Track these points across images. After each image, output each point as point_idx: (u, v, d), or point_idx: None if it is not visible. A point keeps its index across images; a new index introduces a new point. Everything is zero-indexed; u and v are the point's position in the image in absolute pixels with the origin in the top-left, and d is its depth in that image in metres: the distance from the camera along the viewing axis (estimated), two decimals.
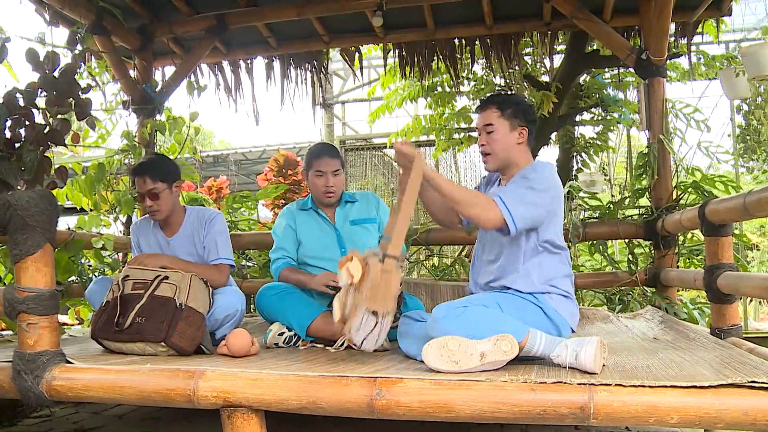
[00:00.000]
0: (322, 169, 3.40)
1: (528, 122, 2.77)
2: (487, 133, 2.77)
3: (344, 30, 5.27)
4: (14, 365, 2.41)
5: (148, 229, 3.52)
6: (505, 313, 2.45)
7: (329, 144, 3.77)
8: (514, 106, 2.76)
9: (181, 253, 3.40)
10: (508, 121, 2.74)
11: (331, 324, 3.08)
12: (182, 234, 3.44)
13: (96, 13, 4.54)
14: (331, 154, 3.47)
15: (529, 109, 2.81)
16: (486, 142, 2.77)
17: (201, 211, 3.52)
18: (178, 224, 3.47)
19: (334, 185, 3.42)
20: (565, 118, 6.51)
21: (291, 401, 2.11)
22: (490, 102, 2.80)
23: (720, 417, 1.83)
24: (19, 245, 2.38)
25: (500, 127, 2.74)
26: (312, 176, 3.44)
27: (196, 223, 3.45)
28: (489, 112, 2.77)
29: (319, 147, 3.56)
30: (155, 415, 3.41)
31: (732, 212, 2.77)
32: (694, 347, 2.68)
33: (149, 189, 3.33)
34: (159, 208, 3.37)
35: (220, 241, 3.40)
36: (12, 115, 3.33)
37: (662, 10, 4.20)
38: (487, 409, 1.95)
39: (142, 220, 3.61)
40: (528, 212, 2.54)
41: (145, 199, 3.35)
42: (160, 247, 3.46)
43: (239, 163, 14.02)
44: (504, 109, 2.75)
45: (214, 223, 3.44)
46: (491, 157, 2.78)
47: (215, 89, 5.65)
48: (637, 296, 4.47)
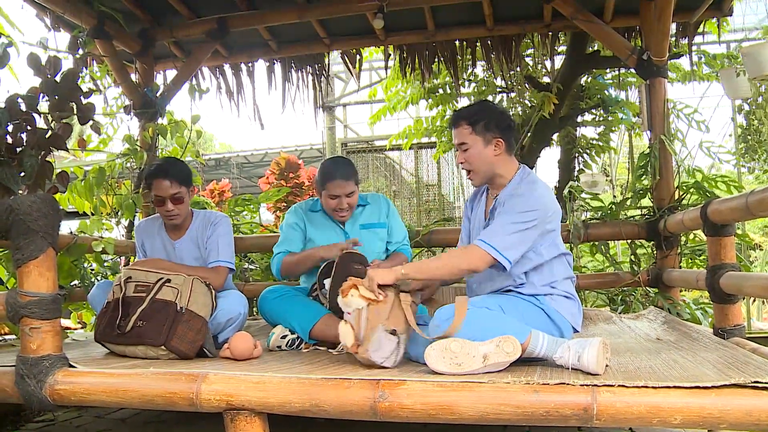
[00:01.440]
0: (335, 192, 3.32)
1: (502, 132, 2.71)
2: (463, 150, 2.74)
3: (345, 32, 5.27)
4: (17, 369, 2.41)
5: (153, 231, 3.50)
6: (507, 315, 2.45)
7: (343, 160, 3.52)
8: (485, 119, 2.70)
9: (186, 257, 3.39)
10: (481, 137, 2.69)
11: (333, 326, 3.09)
12: (188, 237, 3.44)
13: (97, 17, 4.55)
14: (346, 175, 3.32)
15: (501, 117, 2.74)
16: (464, 159, 2.75)
17: (207, 215, 3.50)
18: (185, 228, 3.45)
19: (346, 206, 3.35)
20: (566, 119, 6.51)
21: (294, 404, 2.11)
22: (459, 118, 2.75)
23: (723, 417, 1.82)
24: (21, 250, 2.38)
25: (474, 144, 2.70)
26: (325, 196, 3.36)
27: (201, 227, 3.43)
28: (461, 129, 2.73)
29: (332, 167, 3.40)
30: (158, 418, 3.41)
31: (734, 212, 2.77)
32: (697, 348, 2.67)
33: (173, 193, 3.29)
34: (179, 212, 3.35)
35: (222, 243, 3.38)
36: (13, 119, 3.34)
37: (663, 10, 4.20)
38: (490, 410, 1.95)
39: (147, 221, 3.59)
40: (516, 241, 2.51)
41: (165, 203, 3.30)
42: (165, 250, 3.45)
43: (241, 166, 14.05)
44: (475, 124, 2.69)
45: (218, 225, 3.42)
46: (474, 173, 2.77)
47: (216, 92, 5.66)
48: (640, 297, 4.46)
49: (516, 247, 2.51)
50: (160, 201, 3.31)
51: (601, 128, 6.92)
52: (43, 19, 4.40)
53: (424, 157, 9.98)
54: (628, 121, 6.53)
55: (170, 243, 3.45)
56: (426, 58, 5.49)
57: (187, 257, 3.40)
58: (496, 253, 2.48)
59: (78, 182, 4.68)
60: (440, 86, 6.90)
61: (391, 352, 2.34)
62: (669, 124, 4.36)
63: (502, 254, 2.48)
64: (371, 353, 2.33)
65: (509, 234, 2.50)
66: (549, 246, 2.66)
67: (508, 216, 2.55)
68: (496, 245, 2.48)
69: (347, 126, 12.85)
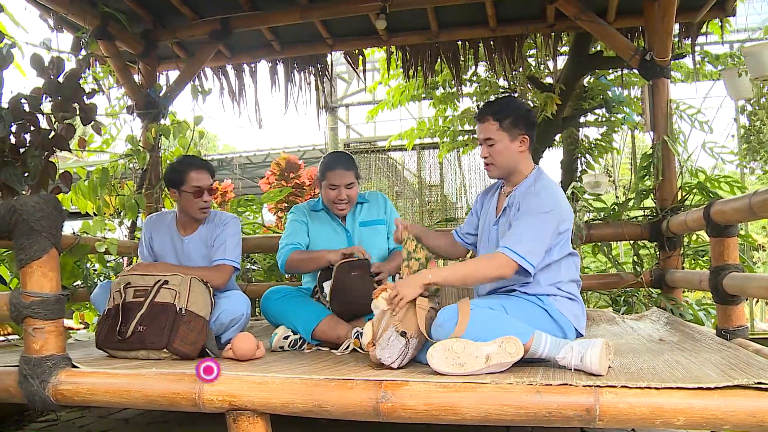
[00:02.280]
0: (335, 182, 3.36)
1: (528, 129, 2.73)
2: (488, 146, 2.74)
3: (348, 33, 5.27)
4: (20, 370, 2.42)
5: (163, 225, 3.50)
6: (510, 316, 2.45)
7: (344, 154, 3.64)
8: (513, 115, 2.70)
9: (194, 254, 3.40)
10: (508, 133, 2.70)
11: (335, 327, 3.10)
12: (197, 235, 3.44)
13: (100, 18, 4.56)
14: (346, 165, 3.39)
15: (528, 114, 2.76)
16: (488, 154, 2.75)
17: (219, 215, 3.51)
18: (196, 225, 3.47)
19: (346, 198, 3.38)
20: (569, 120, 6.51)
21: (296, 404, 2.11)
22: (487, 113, 2.75)
23: (726, 419, 1.82)
24: (24, 250, 2.38)
25: (501, 140, 2.71)
26: (325, 187, 3.40)
27: (212, 226, 3.45)
28: (487, 125, 2.72)
29: (333, 157, 3.48)
30: (161, 418, 3.41)
31: (737, 213, 2.76)
32: (699, 349, 2.67)
33: (210, 184, 3.37)
34: (211, 205, 3.42)
35: (229, 243, 3.37)
36: (17, 120, 3.34)
37: (666, 10, 4.19)
38: (492, 411, 1.95)
39: (159, 215, 3.60)
40: (539, 246, 2.52)
41: (203, 193, 3.34)
42: (174, 245, 3.45)
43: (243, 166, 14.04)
44: (502, 120, 2.70)
45: (228, 225, 3.43)
46: (494, 167, 2.77)
47: (219, 93, 5.66)
48: (643, 297, 4.46)
49: (539, 252, 2.52)
50: (198, 192, 3.34)
51: (604, 129, 6.92)
52: (46, 20, 4.41)
53: (426, 158, 9.98)
54: (631, 121, 6.52)
55: (179, 239, 3.45)
56: (428, 59, 5.49)
57: (195, 255, 3.40)
58: (521, 260, 2.48)
59: (81, 182, 4.69)
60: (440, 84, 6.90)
61: (398, 353, 2.34)
62: (672, 124, 4.35)
63: (527, 260, 2.48)
64: (378, 351, 2.34)
65: (532, 240, 2.51)
66: (561, 247, 2.66)
67: (529, 219, 2.55)
68: (520, 252, 2.48)
69: (350, 126, 12.86)
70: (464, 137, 7.16)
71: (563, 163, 7.00)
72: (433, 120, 7.33)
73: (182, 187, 3.33)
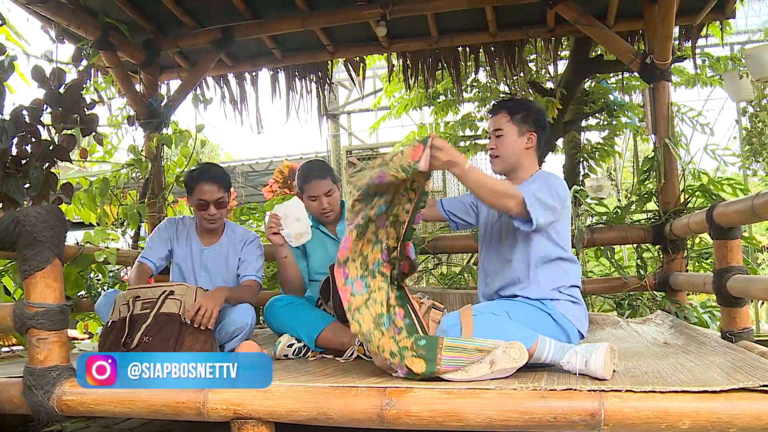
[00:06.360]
0: (313, 194, 3.39)
1: (537, 128, 2.80)
2: (496, 137, 2.81)
3: (348, 40, 5.29)
4: (25, 380, 2.42)
5: (185, 230, 3.49)
6: (513, 321, 2.45)
7: (317, 162, 3.65)
8: (524, 111, 2.79)
9: (211, 265, 3.42)
10: (517, 126, 2.77)
11: (339, 334, 3.09)
12: (219, 247, 3.44)
13: (102, 28, 4.58)
14: (320, 175, 3.40)
15: (540, 115, 2.83)
16: (495, 145, 2.82)
17: (243, 232, 3.52)
18: (218, 236, 3.46)
19: (328, 206, 3.41)
20: (570, 124, 6.51)
21: (301, 412, 2.11)
22: (500, 107, 2.84)
23: (732, 422, 1.81)
24: (28, 261, 2.38)
25: (509, 132, 2.78)
26: (306, 200, 3.41)
27: (235, 241, 3.45)
28: (499, 116, 2.80)
29: (306, 169, 3.47)
30: (166, 428, 3.41)
31: (740, 215, 2.76)
32: (704, 351, 2.66)
33: (218, 198, 3.31)
34: (221, 216, 3.38)
35: (259, 260, 3.43)
36: (18, 131, 3.35)
37: (666, 13, 4.19)
38: (497, 417, 1.95)
39: (186, 218, 3.58)
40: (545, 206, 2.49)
41: (209, 207, 3.31)
42: (192, 252, 3.44)
43: (246, 174, 14.05)
44: (513, 114, 2.78)
45: (255, 243, 3.47)
46: (499, 159, 2.83)
47: (221, 102, 5.68)
48: (647, 301, 4.45)
49: (543, 211, 2.47)
50: (203, 205, 3.31)
51: (605, 132, 6.91)
52: (47, 31, 4.43)
53: None
54: (633, 125, 6.52)
55: (199, 247, 3.44)
56: (429, 65, 5.50)
57: (212, 265, 3.41)
58: (529, 204, 2.43)
59: (81, 193, 4.70)
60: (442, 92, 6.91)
61: None
62: (673, 127, 4.35)
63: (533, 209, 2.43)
64: None
65: (539, 198, 2.48)
66: (558, 237, 2.67)
67: (537, 185, 2.57)
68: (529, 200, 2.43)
69: (351, 133, 12.86)
70: (466, 143, 7.16)
71: (565, 168, 7.00)
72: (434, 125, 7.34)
73: (190, 197, 3.35)
